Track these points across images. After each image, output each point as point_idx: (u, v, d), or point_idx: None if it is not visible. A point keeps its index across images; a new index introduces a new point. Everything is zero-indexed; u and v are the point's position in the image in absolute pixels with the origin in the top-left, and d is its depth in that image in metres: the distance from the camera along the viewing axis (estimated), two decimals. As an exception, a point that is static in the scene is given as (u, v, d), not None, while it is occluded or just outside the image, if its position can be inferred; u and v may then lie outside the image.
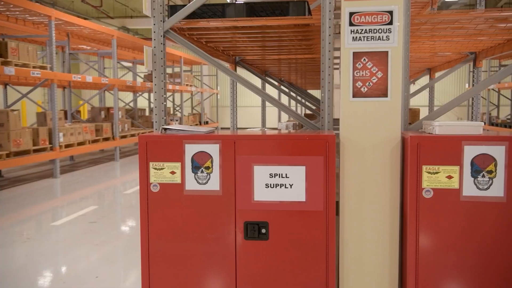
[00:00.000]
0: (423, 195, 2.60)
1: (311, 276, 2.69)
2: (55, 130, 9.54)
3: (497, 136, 2.58)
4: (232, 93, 6.71)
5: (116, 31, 12.19)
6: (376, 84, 2.75)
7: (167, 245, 2.79)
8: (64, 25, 10.52)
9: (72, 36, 11.97)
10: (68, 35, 11.81)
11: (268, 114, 11.85)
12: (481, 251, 2.57)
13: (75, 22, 10.10)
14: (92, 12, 20.11)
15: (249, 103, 24.35)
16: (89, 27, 10.76)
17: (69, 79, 10.43)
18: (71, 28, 10.95)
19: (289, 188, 2.67)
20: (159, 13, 3.22)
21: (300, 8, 3.45)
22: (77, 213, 6.56)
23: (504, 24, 3.78)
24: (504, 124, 15.73)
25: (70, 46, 12.16)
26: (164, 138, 2.77)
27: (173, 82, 16.63)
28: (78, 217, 6.31)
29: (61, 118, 10.17)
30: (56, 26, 10.36)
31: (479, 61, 5.75)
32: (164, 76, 3.34)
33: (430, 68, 8.40)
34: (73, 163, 11.94)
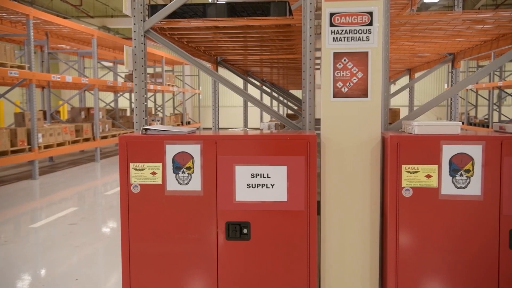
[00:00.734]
0: (402, 194, 2.63)
1: (292, 276, 2.70)
2: (34, 130, 9.39)
3: (474, 135, 2.63)
4: (214, 93, 6.70)
5: (96, 31, 12.05)
6: (356, 84, 2.77)
7: (148, 246, 2.77)
8: (43, 24, 10.36)
9: (51, 36, 11.80)
10: (47, 34, 11.63)
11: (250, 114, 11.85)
12: (459, 249, 2.61)
13: (54, 21, 9.96)
14: (72, 11, 19.85)
15: (231, 103, 24.32)
16: (68, 26, 10.61)
17: (48, 79, 10.27)
18: (50, 27, 10.80)
19: (270, 188, 2.68)
20: (140, 12, 3.20)
21: (281, 8, 3.46)
22: (56, 215, 6.46)
23: (481, 26, 3.85)
24: (481, 123, 16.03)
25: (49, 45, 11.98)
26: (144, 139, 2.75)
27: (155, 82, 16.51)
28: (57, 219, 6.22)
29: (40, 118, 10.01)
30: (34, 25, 10.20)
31: (457, 62, 5.84)
32: (145, 76, 3.31)
33: (410, 69, 8.50)
34: (52, 164, 11.77)
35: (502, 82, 14.49)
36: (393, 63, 7.29)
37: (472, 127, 16.29)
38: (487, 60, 16.47)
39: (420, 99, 20.23)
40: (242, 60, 6.37)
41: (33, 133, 9.38)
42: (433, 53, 5.99)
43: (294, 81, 11.44)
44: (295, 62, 6.52)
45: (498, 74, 17.26)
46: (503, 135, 2.59)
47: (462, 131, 2.75)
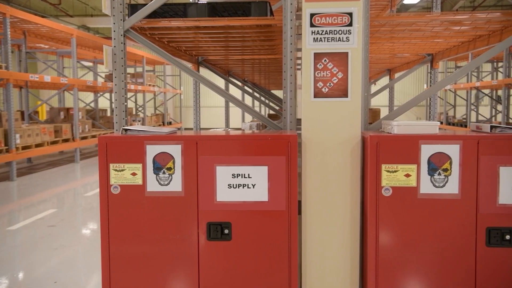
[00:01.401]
0: (382, 193, 2.65)
1: (274, 276, 2.71)
2: (11, 131, 9.21)
3: (452, 135, 2.67)
4: (195, 93, 6.67)
5: (76, 30, 11.89)
6: (336, 85, 2.79)
7: (128, 248, 2.74)
8: (20, 23, 10.18)
9: (29, 35, 11.59)
10: (25, 33, 11.43)
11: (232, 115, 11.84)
12: (438, 247, 2.65)
13: (32, 20, 9.79)
14: (51, 10, 19.55)
15: (212, 103, 24.25)
16: (47, 26, 10.45)
17: (26, 78, 10.09)
18: (28, 26, 10.61)
19: (251, 188, 2.68)
20: (119, 12, 3.17)
21: (262, 8, 3.47)
22: (35, 216, 6.36)
23: (458, 27, 3.91)
24: (460, 123, 16.29)
25: (27, 44, 11.76)
26: (124, 139, 2.72)
27: (135, 82, 16.37)
28: (36, 221, 6.12)
29: (17, 119, 9.83)
30: (11, 24, 10.00)
31: (436, 63, 5.93)
32: (125, 76, 3.28)
33: (390, 69, 8.60)
34: (30, 166, 11.57)
35: (480, 82, 14.76)
36: (373, 63, 7.36)
37: (450, 127, 16.54)
38: (465, 61, 16.75)
39: (400, 99, 20.48)
40: (224, 60, 6.36)
41: (10, 134, 9.21)
42: (412, 54, 6.07)
43: (275, 81, 11.47)
44: (277, 62, 6.53)
45: (475, 74, 17.57)
46: (479, 135, 2.63)
47: (441, 130, 2.79)
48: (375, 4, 7.01)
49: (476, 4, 19.60)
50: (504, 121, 13.09)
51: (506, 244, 2.60)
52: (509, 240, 2.59)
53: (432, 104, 6.36)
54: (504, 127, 2.74)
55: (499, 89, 15.83)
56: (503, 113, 13.15)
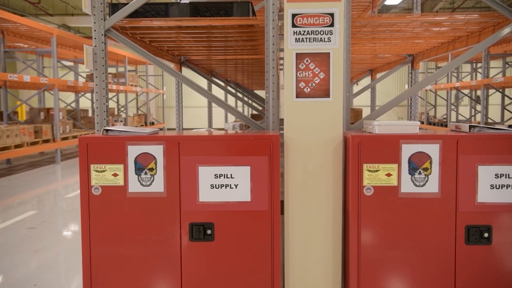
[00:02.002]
0: (364, 192, 2.68)
1: (257, 276, 2.71)
2: (-10, 132, 9.05)
3: (432, 134, 2.70)
4: (177, 93, 6.64)
5: (56, 29, 11.73)
6: (318, 85, 2.80)
7: (110, 249, 2.71)
8: (-1, 22, 10.00)
9: (8, 34, 11.39)
10: (3, 32, 11.23)
11: (215, 115, 11.82)
12: (419, 245, 2.68)
13: (10, 19, 9.62)
14: (30, 9, 19.25)
15: (195, 103, 24.16)
16: (26, 24, 10.28)
17: (4, 78, 9.92)
18: (6, 25, 10.42)
19: (234, 188, 2.68)
20: (100, 11, 3.13)
21: (244, 8, 3.47)
22: (14, 218, 6.25)
23: (438, 28, 3.96)
24: (440, 123, 16.53)
25: (5, 44, 11.56)
26: (105, 140, 2.70)
27: (117, 82, 16.22)
28: (15, 223, 6.02)
29: (-4, 119, 9.66)
30: (-11, 23, 9.83)
31: (417, 63, 6.00)
32: (106, 76, 3.25)
33: (372, 69, 8.68)
34: (10, 167, 11.38)
35: (459, 83, 14.99)
36: (355, 63, 7.42)
37: (431, 127, 16.77)
38: (445, 62, 17.00)
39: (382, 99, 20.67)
40: (206, 60, 6.34)
41: (-11, 135, 9.04)
42: (394, 54, 6.13)
43: (258, 82, 11.48)
44: (259, 62, 6.54)
45: (455, 75, 17.85)
46: (458, 134, 2.67)
47: (421, 130, 2.83)
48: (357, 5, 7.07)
49: (456, 6, 19.91)
50: (483, 121, 13.32)
51: (485, 241, 2.64)
52: (487, 237, 2.63)
53: (413, 104, 6.44)
54: (482, 127, 2.78)
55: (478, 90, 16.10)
56: (482, 113, 13.38)
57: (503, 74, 14.56)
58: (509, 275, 2.66)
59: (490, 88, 13.87)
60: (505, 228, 2.64)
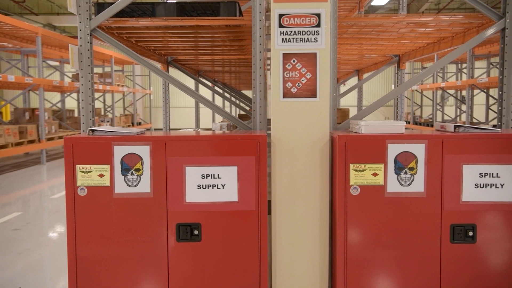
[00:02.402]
0: (350, 192, 2.69)
1: (244, 276, 2.71)
2: (-26, 132, 8.92)
3: (418, 134, 2.73)
4: (164, 93, 6.61)
5: (41, 28, 11.59)
6: (305, 85, 2.81)
7: (96, 250, 2.69)
8: (-18, 21, 9.86)
9: (-8, 33, 11.25)
10: (-13, 31, 11.08)
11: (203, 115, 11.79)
12: (405, 245, 2.71)
13: (-5, 18, 9.50)
14: (15, 8, 19.02)
15: (183, 103, 24.08)
16: (10, 24, 10.14)
17: (-12, 78, 9.78)
18: (-10, 24, 10.28)
19: (221, 188, 2.67)
20: (85, 10, 3.11)
21: (231, 8, 3.46)
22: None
23: (423, 29, 4.00)
24: (426, 123, 16.68)
25: (-11, 43, 11.41)
26: (91, 140, 2.67)
27: (104, 82, 16.09)
28: (0, 225, 5.94)
29: (-20, 120, 9.52)
30: (-28, 22, 9.68)
31: (403, 63, 6.05)
32: (92, 76, 3.22)
33: (359, 70, 8.73)
34: (-6, 168, 11.22)
35: (445, 83, 15.14)
36: (342, 64, 7.45)
37: (417, 126, 16.92)
38: (431, 62, 17.17)
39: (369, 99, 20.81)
40: (193, 60, 6.32)
41: (-28, 135, 8.91)
42: (380, 55, 6.17)
43: (246, 82, 11.48)
44: (247, 62, 6.54)
45: (441, 75, 18.03)
46: (443, 134, 2.70)
47: (407, 130, 2.85)
48: (344, 6, 7.12)
49: (441, 7, 20.11)
50: (468, 121, 13.47)
51: (469, 240, 2.67)
52: (472, 236, 2.67)
53: (399, 104, 6.50)
54: (467, 127, 2.81)
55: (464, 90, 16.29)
56: (467, 113, 13.53)
57: (488, 75, 14.75)
58: (493, 273, 2.69)
59: (475, 88, 14.04)
60: (489, 226, 2.67)
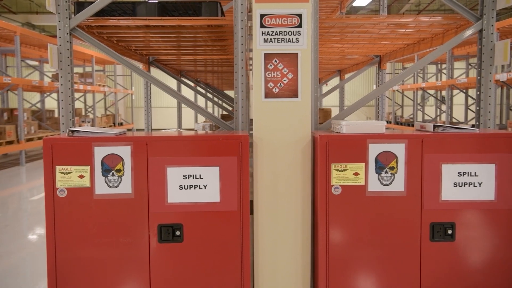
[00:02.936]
0: (332, 192, 2.71)
1: (226, 276, 2.71)
2: (-50, 133, 8.73)
3: (398, 134, 2.76)
4: (146, 94, 6.57)
5: (20, 28, 11.40)
6: (287, 85, 2.82)
7: (76, 253, 2.66)
8: (-41, 19, 9.65)
9: (-31, 32, 11.03)
10: (-37, 30, 10.86)
11: (185, 115, 11.73)
12: (386, 243, 2.73)
13: (-28, 17, 9.30)
14: (-8, 6, 18.68)
15: (165, 103, 23.93)
16: (-12, 22, 9.97)
17: (-35, 78, 9.58)
18: (-33, 22, 10.08)
19: (203, 189, 2.66)
20: (65, 9, 3.07)
21: (212, 9, 3.46)
22: (-24, 223, 6.05)
23: (403, 30, 4.05)
24: (407, 123, 16.88)
25: (-34, 42, 11.18)
26: (71, 141, 2.64)
27: (84, 82, 15.90)
28: (-23, 228, 5.82)
29: (-44, 120, 9.32)
30: (-51, 20, 9.47)
31: (384, 64, 6.11)
32: (72, 76, 3.18)
33: (340, 70, 8.79)
34: (-28, 169, 11.00)
35: (425, 83, 15.35)
36: (324, 64, 7.50)
37: (399, 126, 17.11)
38: (411, 63, 17.38)
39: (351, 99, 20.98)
40: (175, 60, 6.29)
41: (-51, 136, 8.72)
42: (361, 55, 6.23)
43: (228, 82, 11.46)
44: (229, 62, 6.53)
45: (421, 76, 18.27)
46: (423, 134, 2.74)
47: (388, 130, 2.88)
48: (326, 6, 7.16)
49: (421, 8, 20.38)
50: (448, 121, 13.68)
51: (448, 238, 2.71)
52: (451, 234, 2.71)
53: (380, 104, 6.56)
54: (446, 126, 2.86)
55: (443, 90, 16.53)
56: (447, 113, 13.74)
57: (467, 75, 14.99)
58: (472, 270, 2.74)
59: (454, 89, 14.25)
60: (467, 224, 2.72)
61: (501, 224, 2.72)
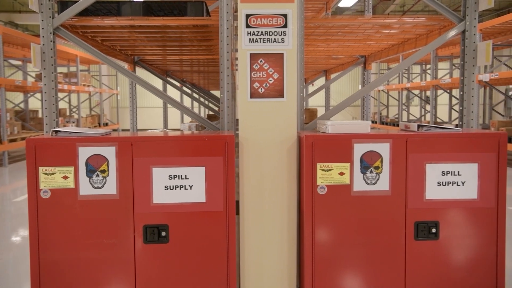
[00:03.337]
0: (318, 191, 2.72)
1: (212, 277, 2.70)
2: None
3: (383, 134, 2.78)
4: (131, 94, 6.52)
5: (2, 27, 11.24)
6: (272, 85, 2.82)
7: (60, 255, 2.63)
8: None
9: (-50, 31, 10.83)
10: None
11: (171, 115, 11.68)
12: (371, 242, 2.75)
13: (-47, 15, 9.14)
14: (-26, 5, 18.38)
15: (151, 104, 23.79)
16: (-30, 21, 9.80)
17: None
18: (-52, 21, 9.90)
19: (189, 189, 2.66)
20: (48, 8, 3.04)
21: (198, 8, 3.45)
22: (-42, 225, 5.95)
23: (388, 30, 4.08)
24: (392, 123, 17.03)
25: None
26: (54, 141, 2.61)
27: (69, 82, 15.73)
28: (-41, 230, 5.73)
29: None
30: None
31: (369, 64, 6.15)
32: (55, 76, 3.15)
33: (326, 70, 8.83)
34: (-47, 171, 10.81)
35: (410, 83, 15.49)
36: (310, 64, 7.52)
37: (384, 126, 17.25)
38: (397, 63, 17.52)
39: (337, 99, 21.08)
40: (161, 60, 6.25)
41: None
42: (347, 55, 6.26)
43: (215, 82, 11.44)
44: (215, 62, 6.52)
45: (406, 76, 18.43)
46: (407, 134, 2.76)
47: (374, 130, 2.90)
48: (312, 7, 7.18)
49: (406, 9, 20.57)
50: (432, 120, 13.83)
51: (432, 237, 2.74)
52: (435, 233, 2.74)
53: (366, 104, 6.61)
54: (430, 126, 2.89)
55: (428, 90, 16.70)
56: (432, 113, 13.89)
57: (450, 76, 15.17)
58: (456, 268, 2.77)
59: (438, 89, 14.42)
60: (451, 223, 2.75)
61: (483, 223, 2.76)
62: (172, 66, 7.33)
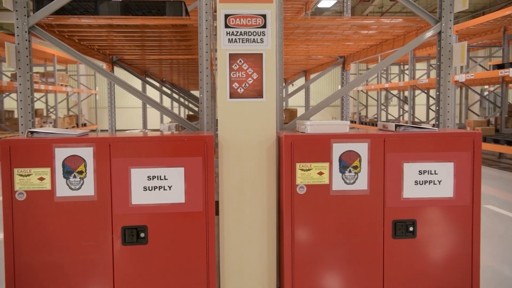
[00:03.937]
0: (297, 191, 2.73)
1: (192, 277, 2.69)
2: None
3: (361, 134, 2.81)
4: (109, 94, 6.45)
5: (-24, 25, 11.00)
6: (252, 85, 2.82)
7: (36, 257, 2.58)
8: None
9: None
10: None
11: (151, 115, 11.59)
12: (350, 241, 2.78)
13: None
14: None
15: (130, 104, 23.57)
16: None
17: None
18: None
19: (168, 190, 2.64)
20: (23, 6, 2.98)
21: (176, 8, 3.43)
22: None
23: (366, 31, 4.12)
24: (371, 122, 17.21)
25: None
26: (30, 142, 2.56)
27: (46, 82, 15.46)
28: None
29: None
30: None
31: (348, 64, 6.21)
32: (31, 76, 3.09)
33: (306, 70, 8.88)
34: None
35: (388, 84, 15.68)
36: (290, 64, 7.55)
37: (363, 126, 17.42)
38: (375, 63, 17.72)
39: (317, 99, 21.21)
40: (140, 60, 6.20)
41: None
42: (326, 56, 6.31)
43: (194, 82, 11.39)
44: (194, 62, 6.49)
45: (385, 76, 18.66)
46: (385, 133, 2.79)
47: (353, 129, 2.93)
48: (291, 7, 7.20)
49: (384, 10, 20.81)
50: (410, 120, 14.02)
51: (410, 235, 2.78)
52: (412, 231, 2.77)
53: (345, 104, 6.66)
54: (407, 126, 2.93)
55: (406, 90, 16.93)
56: (410, 113, 14.08)
57: (428, 76, 15.41)
58: (433, 266, 2.81)
59: (416, 89, 14.62)
60: (427, 221, 2.79)
61: (459, 220, 2.81)
62: (151, 66, 7.27)
